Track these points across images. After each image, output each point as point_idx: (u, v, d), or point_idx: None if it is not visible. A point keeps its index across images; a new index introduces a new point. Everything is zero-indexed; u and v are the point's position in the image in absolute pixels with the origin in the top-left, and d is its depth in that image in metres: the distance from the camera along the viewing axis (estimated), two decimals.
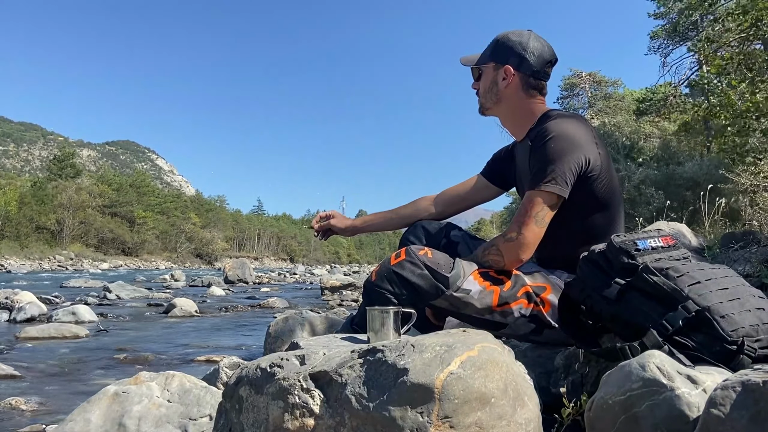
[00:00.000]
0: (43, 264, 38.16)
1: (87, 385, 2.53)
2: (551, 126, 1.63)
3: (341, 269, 29.67)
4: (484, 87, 1.82)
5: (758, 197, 5.56)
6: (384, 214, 2.12)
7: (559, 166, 1.57)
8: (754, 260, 3.01)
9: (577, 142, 1.60)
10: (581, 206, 1.66)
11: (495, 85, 1.79)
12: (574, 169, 1.58)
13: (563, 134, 1.60)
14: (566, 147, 1.58)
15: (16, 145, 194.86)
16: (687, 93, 18.79)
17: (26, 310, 5.01)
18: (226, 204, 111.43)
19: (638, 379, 1.05)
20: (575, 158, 1.58)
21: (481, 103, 1.86)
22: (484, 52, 1.84)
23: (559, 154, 1.58)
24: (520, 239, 1.59)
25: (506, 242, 1.61)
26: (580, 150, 1.59)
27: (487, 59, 1.81)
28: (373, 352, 1.04)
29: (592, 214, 1.69)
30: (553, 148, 1.58)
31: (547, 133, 1.61)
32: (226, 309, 6.50)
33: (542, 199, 1.58)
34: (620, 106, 25.00)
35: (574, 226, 1.69)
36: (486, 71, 1.82)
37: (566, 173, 1.57)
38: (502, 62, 1.78)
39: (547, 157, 1.59)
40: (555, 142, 1.59)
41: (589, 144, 1.62)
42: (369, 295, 1.62)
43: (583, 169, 1.60)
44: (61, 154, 65.69)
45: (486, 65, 1.81)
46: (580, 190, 1.62)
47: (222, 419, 1.19)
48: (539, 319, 1.62)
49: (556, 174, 1.57)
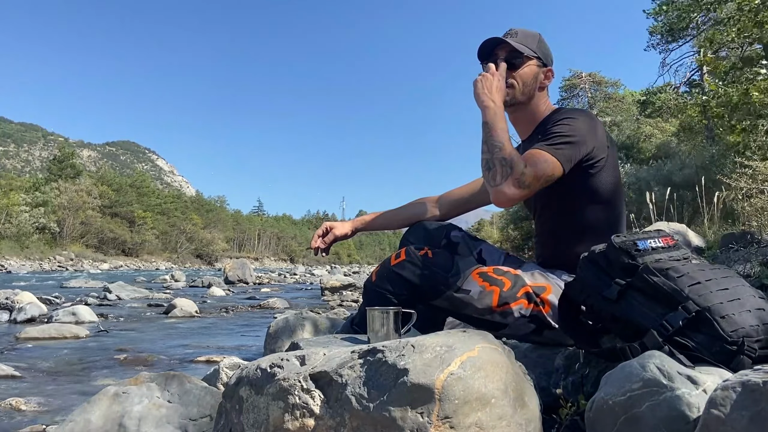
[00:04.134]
0: (43, 264, 38.16)
1: (87, 386, 2.53)
2: (567, 111, 1.66)
3: (341, 270, 29.66)
4: (524, 79, 1.72)
5: (756, 200, 5.57)
6: (385, 214, 2.12)
7: (568, 143, 1.56)
8: (754, 260, 3.01)
9: (589, 129, 1.61)
10: (584, 200, 1.66)
11: (535, 82, 1.74)
12: (579, 152, 1.57)
13: (579, 119, 1.61)
14: (578, 130, 1.58)
15: (16, 145, 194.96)
16: (687, 91, 18.81)
17: (26, 310, 5.01)
18: (227, 204, 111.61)
19: (638, 379, 1.05)
20: (583, 143, 1.58)
21: (512, 94, 1.72)
22: (527, 43, 1.72)
23: (571, 134, 1.57)
24: (526, 173, 1.48)
25: (513, 178, 1.47)
26: (590, 137, 1.60)
27: (534, 53, 1.73)
28: (373, 352, 1.04)
29: (594, 210, 1.68)
30: (565, 128, 1.58)
31: (562, 115, 1.63)
32: (226, 309, 6.49)
33: (544, 155, 1.52)
34: (620, 107, 25.02)
35: (576, 223, 1.69)
36: (530, 64, 1.73)
37: (573, 151, 1.56)
38: (546, 62, 1.76)
39: (557, 131, 1.58)
40: (569, 122, 1.60)
41: (600, 135, 1.64)
42: (369, 296, 1.63)
43: (588, 158, 1.60)
44: (61, 155, 65.66)
45: (533, 58, 1.73)
46: (585, 181, 1.62)
47: (222, 419, 1.19)
48: (539, 319, 1.62)
49: (563, 146, 1.55)
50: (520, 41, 1.71)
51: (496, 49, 1.74)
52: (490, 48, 1.75)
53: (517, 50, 1.70)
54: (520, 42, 1.71)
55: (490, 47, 1.74)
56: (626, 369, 1.10)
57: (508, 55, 1.72)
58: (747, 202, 5.51)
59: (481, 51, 1.76)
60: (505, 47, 1.72)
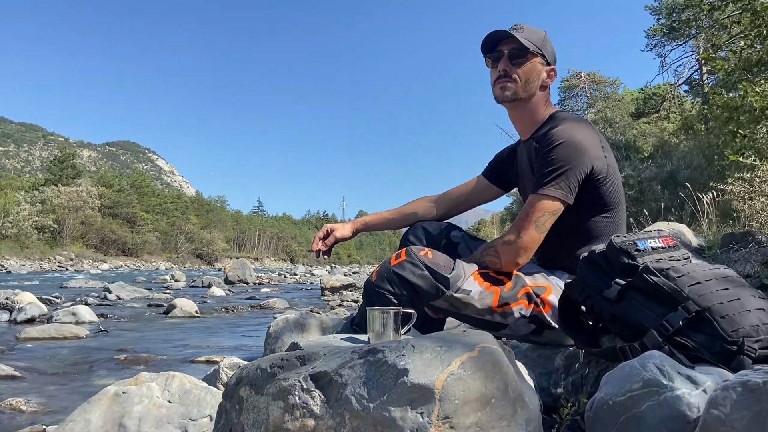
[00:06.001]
0: (43, 264, 38.15)
1: (87, 386, 2.53)
2: (559, 132, 1.60)
3: (341, 270, 29.65)
4: (527, 75, 1.71)
5: (755, 202, 5.56)
6: (385, 214, 2.11)
7: (565, 172, 1.56)
8: (754, 260, 3.01)
9: (584, 148, 1.58)
10: (585, 209, 1.66)
11: (537, 79, 1.73)
12: (579, 176, 1.58)
13: (570, 141, 1.58)
14: (573, 154, 1.57)
15: (16, 145, 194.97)
16: (687, 91, 18.80)
17: (26, 310, 5.01)
18: (227, 204, 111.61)
19: (638, 379, 1.05)
20: (581, 165, 1.57)
21: (513, 89, 1.71)
22: (532, 40, 1.70)
23: (566, 161, 1.56)
24: (518, 243, 1.58)
25: (504, 245, 1.61)
26: (586, 157, 1.58)
27: (538, 50, 1.71)
28: (373, 352, 1.04)
29: (596, 217, 1.68)
30: (560, 155, 1.57)
31: (555, 138, 1.59)
32: (226, 309, 6.49)
33: (544, 205, 1.57)
34: (619, 107, 25.04)
35: (578, 229, 1.69)
36: (534, 61, 1.72)
37: (571, 179, 1.57)
38: (550, 61, 1.75)
39: (553, 163, 1.57)
40: (562, 148, 1.57)
41: (595, 150, 1.61)
42: (369, 296, 1.62)
43: (589, 176, 1.60)
44: (61, 155, 65.68)
45: (537, 55, 1.72)
46: (585, 193, 1.61)
47: (222, 419, 1.19)
48: (539, 319, 1.62)
49: (561, 179, 1.56)
50: (526, 37, 1.69)
51: (501, 43, 1.72)
52: (495, 41, 1.73)
53: (522, 45, 1.69)
54: (525, 38, 1.69)
55: (494, 40, 1.73)
56: (626, 369, 1.10)
57: (512, 49, 1.71)
58: (747, 204, 5.51)
59: (485, 44, 1.75)
60: (509, 41, 1.71)
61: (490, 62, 1.76)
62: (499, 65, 1.72)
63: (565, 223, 1.62)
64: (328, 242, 2.04)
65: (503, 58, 1.72)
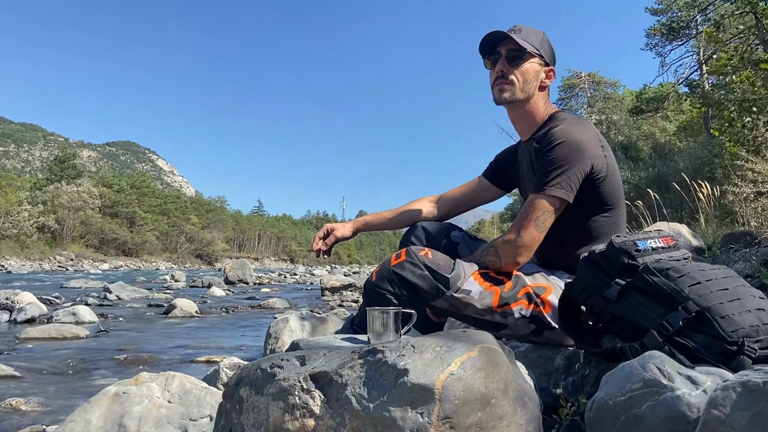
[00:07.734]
0: (43, 264, 38.14)
1: (87, 386, 2.53)
2: (558, 131, 1.61)
3: (341, 270, 29.65)
4: (525, 76, 1.71)
5: (756, 204, 5.55)
6: (385, 213, 2.12)
7: (565, 171, 1.56)
8: (754, 260, 3.01)
9: (583, 148, 1.59)
10: (585, 209, 1.66)
11: (536, 80, 1.73)
12: (579, 175, 1.58)
13: (570, 140, 1.58)
14: (573, 153, 1.57)
15: (16, 145, 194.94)
16: (687, 92, 18.81)
17: (27, 310, 5.01)
18: (227, 204, 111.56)
19: (639, 379, 1.05)
20: (581, 164, 1.58)
21: (511, 90, 1.71)
22: (530, 41, 1.70)
23: (566, 160, 1.57)
24: (518, 242, 1.59)
25: (504, 244, 1.61)
26: (586, 156, 1.58)
27: (536, 51, 1.71)
28: (373, 352, 1.04)
29: (596, 217, 1.69)
30: (560, 154, 1.57)
31: (555, 138, 1.60)
32: (226, 310, 6.49)
33: (545, 204, 1.58)
34: (620, 107, 25.04)
35: (578, 228, 1.69)
36: (533, 62, 1.72)
37: (571, 178, 1.57)
38: (549, 62, 1.75)
39: (553, 163, 1.58)
40: (562, 148, 1.57)
41: (595, 149, 1.62)
42: (369, 296, 1.62)
43: (589, 175, 1.60)
44: (61, 155, 65.66)
45: (535, 56, 1.72)
46: (585, 192, 1.62)
47: (222, 420, 1.19)
48: (540, 319, 1.62)
49: (561, 178, 1.56)
50: (524, 38, 1.69)
51: (499, 44, 1.72)
52: (493, 43, 1.73)
53: (519, 46, 1.69)
54: (523, 38, 1.69)
55: (492, 42, 1.73)
56: (626, 369, 1.10)
57: (510, 50, 1.71)
58: (748, 206, 5.50)
59: (484, 45, 1.75)
60: (507, 42, 1.71)
61: (489, 64, 1.77)
62: (497, 66, 1.73)
63: (565, 223, 1.62)
64: (328, 242, 2.05)
65: (501, 59, 1.72)
